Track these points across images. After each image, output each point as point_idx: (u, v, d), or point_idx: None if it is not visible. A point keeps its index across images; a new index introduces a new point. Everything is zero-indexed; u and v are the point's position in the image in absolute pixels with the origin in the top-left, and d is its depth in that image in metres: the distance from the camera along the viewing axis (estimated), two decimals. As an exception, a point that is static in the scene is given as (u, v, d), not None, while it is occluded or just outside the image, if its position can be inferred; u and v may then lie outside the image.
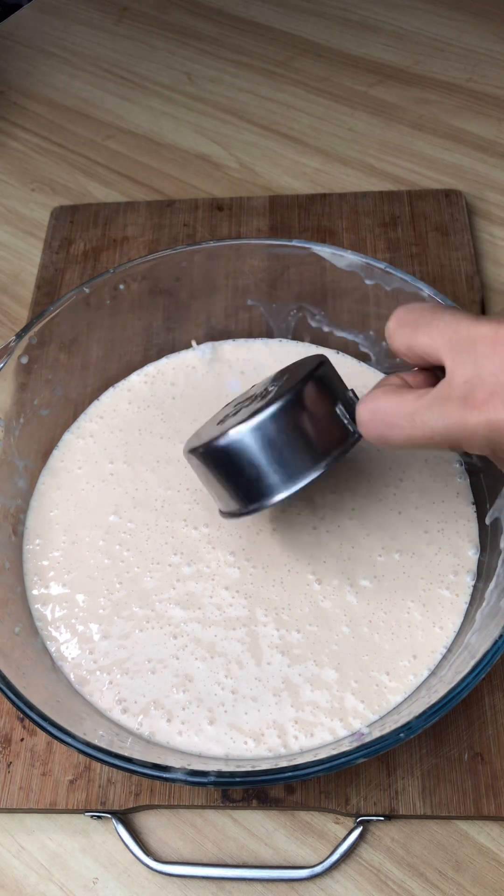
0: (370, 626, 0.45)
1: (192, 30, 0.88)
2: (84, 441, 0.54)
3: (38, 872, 0.43)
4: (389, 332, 0.37)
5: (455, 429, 0.33)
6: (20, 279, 0.67)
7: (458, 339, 0.34)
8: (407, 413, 0.35)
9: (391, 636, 0.45)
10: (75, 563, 0.49)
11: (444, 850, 0.42)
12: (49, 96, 0.82)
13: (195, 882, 0.42)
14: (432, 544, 0.48)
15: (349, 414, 0.41)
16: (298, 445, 0.40)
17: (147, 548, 0.49)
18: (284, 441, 0.40)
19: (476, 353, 0.33)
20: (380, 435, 0.36)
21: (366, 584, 0.47)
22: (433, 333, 0.35)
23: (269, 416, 0.39)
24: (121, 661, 0.45)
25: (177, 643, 0.46)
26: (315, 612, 0.46)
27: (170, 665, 0.45)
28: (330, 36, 0.85)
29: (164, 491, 0.51)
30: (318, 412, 0.40)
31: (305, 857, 0.43)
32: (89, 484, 0.52)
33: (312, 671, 0.44)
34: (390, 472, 0.51)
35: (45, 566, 0.49)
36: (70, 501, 0.51)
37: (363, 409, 0.37)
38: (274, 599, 0.46)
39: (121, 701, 0.44)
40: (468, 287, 0.62)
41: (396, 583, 0.47)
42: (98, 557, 0.49)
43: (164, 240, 0.67)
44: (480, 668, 0.37)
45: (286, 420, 0.40)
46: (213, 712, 0.43)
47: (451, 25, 0.85)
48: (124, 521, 0.50)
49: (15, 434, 0.50)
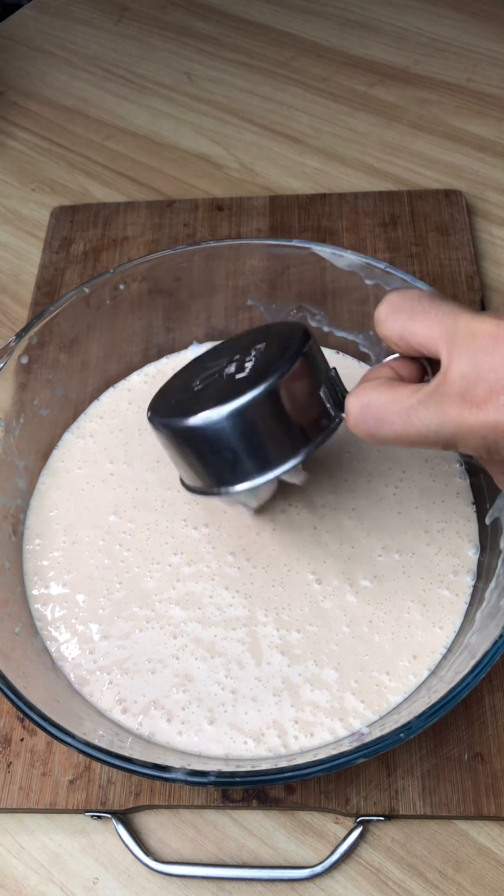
0: (370, 626, 0.45)
1: (193, 30, 0.88)
2: (84, 441, 0.54)
3: (39, 872, 0.43)
4: (380, 318, 0.35)
5: (450, 427, 0.32)
6: (20, 279, 0.67)
7: (456, 332, 0.32)
8: (401, 409, 0.33)
9: (391, 636, 0.45)
10: (75, 563, 0.49)
11: (444, 850, 0.42)
12: (49, 96, 0.82)
13: (195, 882, 0.42)
14: (432, 544, 0.48)
15: (332, 397, 0.38)
16: (279, 431, 0.37)
17: (147, 548, 0.49)
18: (266, 427, 0.37)
19: (476, 347, 0.31)
20: (369, 430, 0.34)
21: (366, 584, 0.47)
22: (430, 322, 0.33)
23: (251, 400, 0.36)
24: (121, 661, 0.45)
25: (177, 643, 0.46)
26: (315, 612, 0.46)
27: (170, 665, 0.45)
28: (330, 36, 0.85)
29: (164, 491, 0.51)
30: (303, 396, 0.37)
31: (305, 857, 0.43)
32: (89, 484, 0.52)
33: (312, 671, 0.44)
34: (390, 472, 0.51)
35: (45, 566, 0.49)
36: (70, 501, 0.51)
37: (353, 401, 0.35)
38: (274, 599, 0.46)
39: (121, 701, 0.44)
40: (468, 287, 0.62)
41: (396, 583, 0.47)
42: (98, 557, 0.49)
43: (164, 240, 0.67)
44: (480, 668, 0.37)
45: (269, 405, 0.36)
46: (213, 712, 0.43)
47: (451, 25, 0.85)
48: (124, 521, 0.50)
49: (15, 434, 0.50)
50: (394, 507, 0.49)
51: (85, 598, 0.48)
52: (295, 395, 0.37)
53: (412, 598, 0.46)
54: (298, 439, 0.38)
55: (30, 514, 0.51)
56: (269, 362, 0.37)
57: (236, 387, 0.37)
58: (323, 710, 0.43)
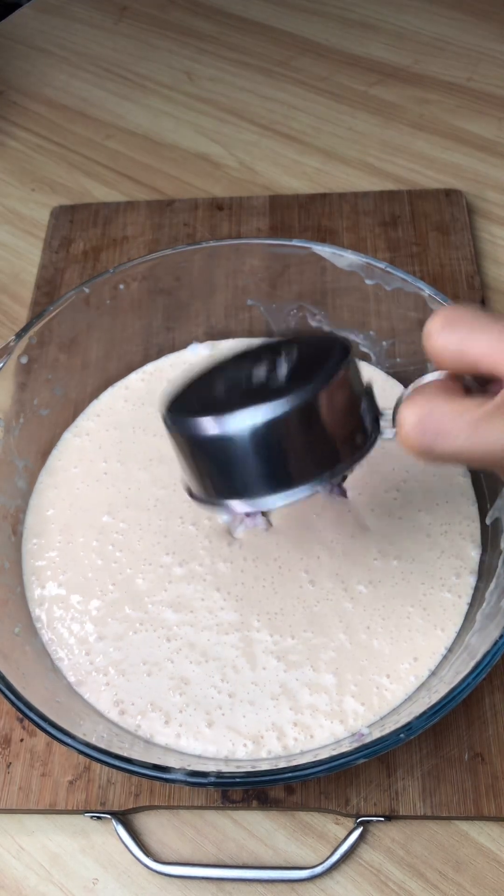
0: (368, 632, 0.45)
1: (192, 29, 0.88)
2: (80, 440, 0.54)
3: (38, 873, 0.43)
4: (433, 332, 0.32)
5: None
6: (20, 279, 0.67)
7: None
8: (468, 421, 0.30)
9: (391, 640, 0.45)
10: (70, 564, 0.49)
11: (444, 851, 0.42)
12: (49, 96, 0.82)
13: (195, 883, 0.42)
14: (434, 549, 0.47)
15: (371, 413, 0.35)
16: (315, 444, 0.34)
17: (139, 548, 0.49)
18: (302, 437, 0.33)
19: None
20: (425, 444, 0.31)
21: (361, 588, 0.46)
22: (493, 339, 0.30)
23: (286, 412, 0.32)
24: (116, 662, 0.45)
25: (171, 646, 0.45)
26: (309, 618, 0.45)
27: (165, 668, 0.45)
28: (330, 35, 0.85)
29: (158, 490, 0.51)
30: (342, 413, 0.34)
31: (305, 857, 0.43)
32: (84, 483, 0.52)
33: (310, 676, 0.44)
34: (393, 473, 0.50)
35: (43, 566, 0.49)
36: (66, 501, 0.51)
37: (410, 412, 0.31)
38: (264, 602, 0.46)
39: (118, 702, 0.44)
40: (468, 287, 0.62)
41: (395, 588, 0.46)
42: (92, 558, 0.49)
43: (164, 239, 0.67)
44: (480, 668, 0.37)
45: (306, 419, 0.33)
46: (211, 715, 0.43)
47: (451, 25, 0.85)
48: (117, 521, 0.50)
49: (15, 434, 0.50)
50: (397, 509, 0.49)
51: (80, 598, 0.47)
52: (334, 410, 0.33)
53: (412, 602, 0.46)
54: (329, 459, 0.34)
55: (28, 514, 0.51)
56: (309, 370, 0.34)
57: (270, 395, 0.33)
58: (322, 712, 0.43)
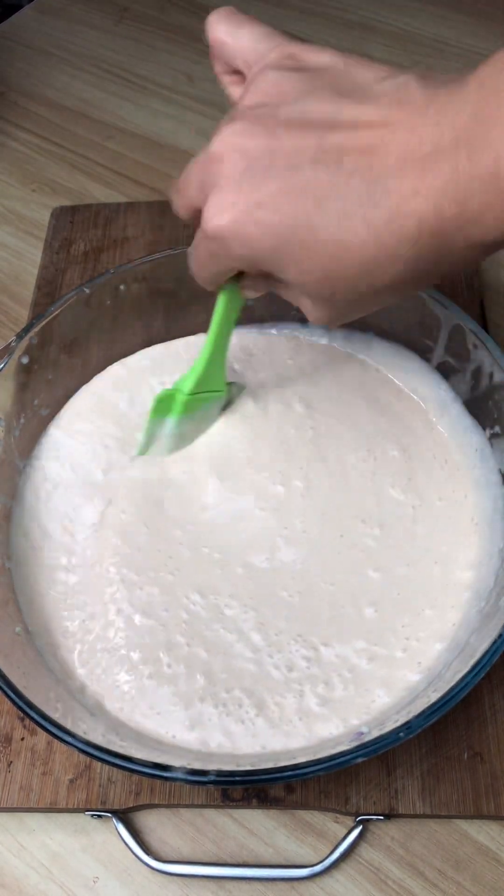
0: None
1: (193, 30, 0.88)
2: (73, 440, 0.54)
3: (39, 872, 0.43)
4: (211, 21, 0.33)
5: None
6: (20, 279, 0.67)
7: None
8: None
9: (389, 646, 0.45)
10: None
11: (443, 850, 0.42)
12: (49, 97, 0.82)
13: (195, 881, 0.42)
14: (431, 551, 0.47)
15: None
16: None
17: (130, 551, 0.49)
18: None
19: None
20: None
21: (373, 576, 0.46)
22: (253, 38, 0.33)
23: None
24: (116, 662, 0.45)
25: (168, 647, 0.45)
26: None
27: (164, 669, 0.45)
28: (330, 36, 0.85)
29: (148, 489, 0.51)
30: None
31: (305, 856, 0.43)
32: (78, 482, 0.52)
33: (309, 677, 0.44)
34: (398, 474, 0.50)
35: (45, 566, 0.49)
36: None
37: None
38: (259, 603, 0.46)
39: (120, 700, 0.44)
40: (468, 287, 0.62)
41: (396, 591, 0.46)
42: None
43: (165, 240, 0.67)
44: (479, 667, 0.37)
45: None
46: (212, 714, 0.43)
47: (451, 25, 0.85)
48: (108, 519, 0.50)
49: (15, 434, 0.50)
50: (397, 510, 0.49)
51: (76, 599, 0.47)
52: None
53: (412, 604, 0.46)
54: None
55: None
56: None
57: None
58: (322, 711, 0.43)
